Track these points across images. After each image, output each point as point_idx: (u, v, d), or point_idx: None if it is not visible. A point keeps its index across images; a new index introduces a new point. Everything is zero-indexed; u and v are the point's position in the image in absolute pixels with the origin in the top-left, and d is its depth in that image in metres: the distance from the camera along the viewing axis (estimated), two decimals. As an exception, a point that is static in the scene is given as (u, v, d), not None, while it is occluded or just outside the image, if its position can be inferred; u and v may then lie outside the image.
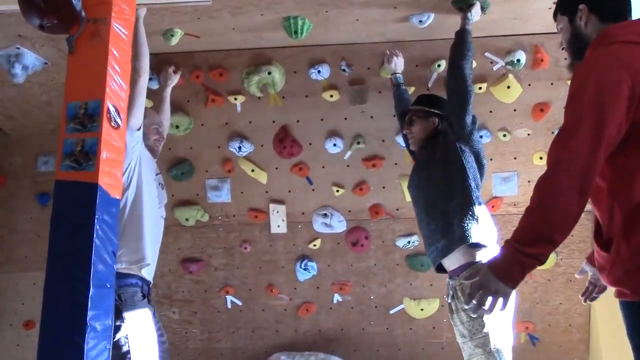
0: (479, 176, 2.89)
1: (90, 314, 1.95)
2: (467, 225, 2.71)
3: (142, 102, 2.73)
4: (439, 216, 2.81)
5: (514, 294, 2.70)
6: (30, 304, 4.09)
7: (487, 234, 2.75)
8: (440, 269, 2.90)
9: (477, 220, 2.73)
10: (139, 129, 2.73)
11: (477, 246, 2.70)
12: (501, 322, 2.64)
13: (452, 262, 2.77)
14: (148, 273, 2.79)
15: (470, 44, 2.97)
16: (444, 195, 2.82)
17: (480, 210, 2.78)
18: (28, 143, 4.19)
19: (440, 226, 2.79)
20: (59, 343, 1.96)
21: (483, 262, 2.63)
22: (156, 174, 3.02)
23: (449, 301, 2.84)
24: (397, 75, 3.38)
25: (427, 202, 2.91)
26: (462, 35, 2.98)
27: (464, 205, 2.76)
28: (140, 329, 2.60)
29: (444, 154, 2.87)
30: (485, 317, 2.61)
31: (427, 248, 2.96)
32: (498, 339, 2.63)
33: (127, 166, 2.68)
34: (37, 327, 2.10)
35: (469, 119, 2.85)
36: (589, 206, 3.65)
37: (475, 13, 3.01)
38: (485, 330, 2.62)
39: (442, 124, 2.99)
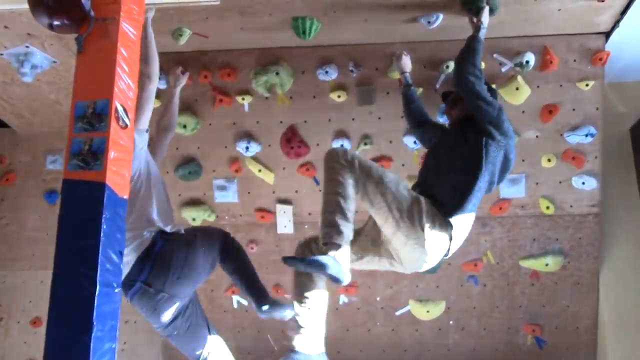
0: (497, 174, 2.87)
1: (96, 313, 1.96)
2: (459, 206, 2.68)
3: (150, 106, 2.79)
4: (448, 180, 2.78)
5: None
6: (37, 301, 4.12)
7: (467, 225, 2.76)
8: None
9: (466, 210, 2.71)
10: (147, 131, 2.79)
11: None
12: None
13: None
14: None
15: (475, 50, 2.90)
16: (457, 172, 2.78)
17: (471, 210, 2.77)
18: (36, 141, 4.22)
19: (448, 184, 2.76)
20: (66, 341, 1.97)
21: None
22: None
23: None
24: (407, 74, 3.37)
25: (440, 165, 2.88)
26: (469, 42, 2.94)
27: (464, 195, 2.71)
28: None
29: (472, 140, 2.82)
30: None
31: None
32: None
33: (138, 167, 2.71)
34: (44, 325, 2.10)
35: (488, 110, 2.79)
36: (597, 209, 3.65)
37: (485, 19, 2.99)
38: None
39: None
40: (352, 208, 2.56)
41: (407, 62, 3.39)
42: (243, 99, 3.63)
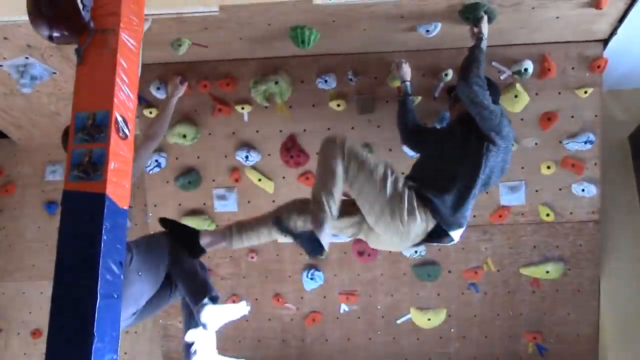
0: (493, 177, 2.96)
1: (97, 324, 1.95)
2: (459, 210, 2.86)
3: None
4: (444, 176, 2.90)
5: None
6: (37, 312, 4.11)
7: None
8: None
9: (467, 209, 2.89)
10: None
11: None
12: None
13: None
14: None
15: (477, 59, 2.94)
16: (455, 170, 2.89)
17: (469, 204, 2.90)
18: (36, 152, 4.22)
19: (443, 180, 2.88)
20: (66, 352, 1.96)
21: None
22: None
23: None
24: (407, 83, 3.37)
25: (440, 161, 2.97)
26: (472, 52, 2.98)
27: (463, 193, 2.85)
28: None
29: (475, 144, 2.89)
30: None
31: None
32: None
33: None
34: (44, 336, 2.10)
35: (490, 118, 2.86)
36: (597, 216, 3.65)
37: (485, 28, 3.00)
38: None
39: None
40: (340, 188, 2.77)
41: (407, 71, 3.39)
42: (242, 108, 3.64)
